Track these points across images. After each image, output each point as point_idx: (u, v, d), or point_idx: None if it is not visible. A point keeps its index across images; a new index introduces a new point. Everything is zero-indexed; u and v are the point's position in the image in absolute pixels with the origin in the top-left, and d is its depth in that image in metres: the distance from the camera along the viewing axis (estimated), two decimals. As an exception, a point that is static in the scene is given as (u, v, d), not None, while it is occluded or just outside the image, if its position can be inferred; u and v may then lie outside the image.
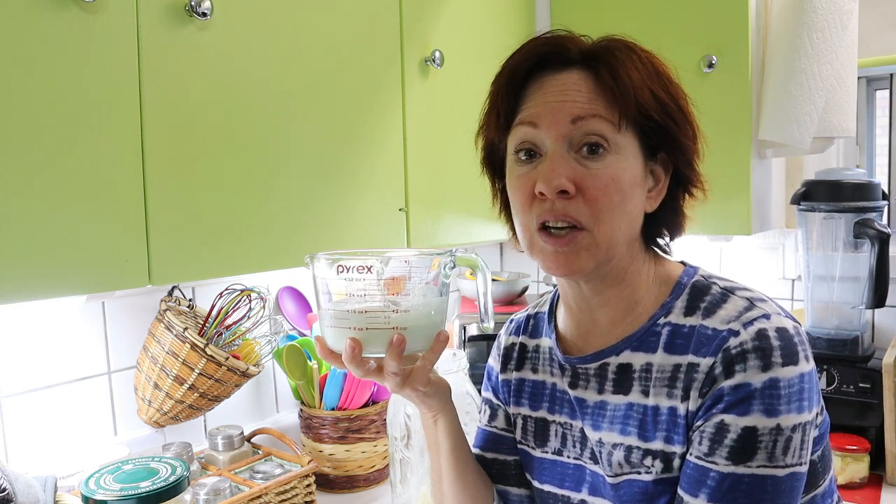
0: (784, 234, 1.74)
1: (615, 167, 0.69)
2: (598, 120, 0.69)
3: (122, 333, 1.25)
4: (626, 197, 0.70)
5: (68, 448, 1.17)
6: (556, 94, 0.71)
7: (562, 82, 0.71)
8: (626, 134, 0.70)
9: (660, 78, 0.72)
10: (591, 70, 0.71)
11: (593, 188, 0.69)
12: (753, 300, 0.71)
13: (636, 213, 0.73)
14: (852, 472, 1.37)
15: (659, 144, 0.73)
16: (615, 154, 0.69)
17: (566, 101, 0.70)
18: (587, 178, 0.69)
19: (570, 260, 0.70)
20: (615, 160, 0.69)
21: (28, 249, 0.76)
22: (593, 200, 0.69)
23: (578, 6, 1.60)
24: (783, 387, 0.65)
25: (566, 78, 0.71)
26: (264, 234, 1.01)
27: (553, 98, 0.71)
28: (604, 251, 0.70)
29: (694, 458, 0.68)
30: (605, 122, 0.69)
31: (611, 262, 0.73)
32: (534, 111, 0.72)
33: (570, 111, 0.70)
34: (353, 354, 0.69)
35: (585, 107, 0.69)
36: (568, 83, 0.71)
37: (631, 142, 0.71)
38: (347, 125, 1.14)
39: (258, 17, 0.99)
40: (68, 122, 0.79)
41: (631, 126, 0.70)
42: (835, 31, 1.40)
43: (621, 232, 0.71)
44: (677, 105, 0.72)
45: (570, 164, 0.69)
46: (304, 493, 1.23)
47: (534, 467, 0.85)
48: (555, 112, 0.70)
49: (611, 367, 0.76)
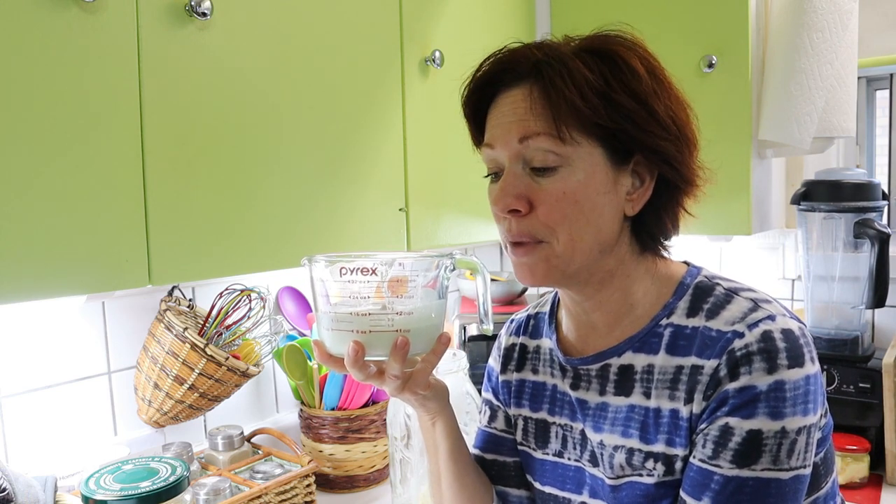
0: (784, 234, 1.74)
1: (567, 180, 0.69)
2: (543, 137, 0.69)
3: (122, 333, 1.24)
4: (585, 207, 0.70)
5: (68, 448, 1.17)
6: (506, 114, 0.72)
7: (511, 100, 0.72)
8: (580, 143, 0.69)
9: (620, 78, 0.68)
10: (537, 82, 0.70)
11: (545, 203, 0.70)
12: (758, 301, 0.70)
13: (604, 220, 0.71)
14: (852, 472, 1.37)
15: (628, 148, 0.71)
16: (567, 167, 0.69)
17: (514, 121, 0.71)
18: (539, 193, 0.70)
19: (533, 271, 0.72)
20: (567, 173, 0.69)
21: (28, 249, 0.76)
22: (546, 216, 0.70)
23: (578, 6, 1.60)
24: (788, 389, 0.65)
25: (516, 95, 0.72)
26: (264, 234, 1.01)
27: (504, 118, 0.72)
28: (566, 261, 0.71)
29: (697, 460, 0.68)
30: (549, 138, 0.69)
31: (584, 269, 0.72)
32: (490, 133, 0.74)
33: (517, 131, 0.70)
34: (356, 358, 0.69)
35: (529, 125, 0.70)
36: (517, 100, 0.71)
37: (588, 151, 0.69)
38: (347, 125, 1.14)
39: (258, 17, 0.99)
40: (68, 122, 0.79)
41: (582, 135, 0.69)
42: (835, 31, 1.40)
43: (584, 242, 0.70)
44: (644, 105, 0.69)
45: (523, 182, 0.71)
46: (304, 493, 1.23)
47: (535, 469, 0.85)
48: (505, 132, 0.72)
49: (612, 369, 0.76)
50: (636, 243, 0.76)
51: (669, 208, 0.75)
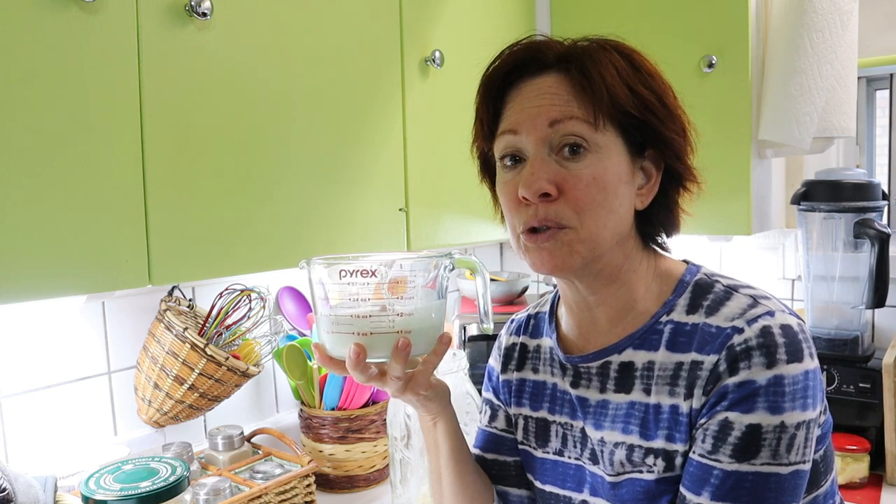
0: (784, 234, 1.74)
1: (596, 166, 0.70)
2: (575, 121, 0.69)
3: (122, 333, 1.25)
4: (610, 195, 0.70)
5: (68, 448, 1.17)
6: (532, 100, 0.72)
7: (538, 87, 0.72)
8: (607, 132, 0.70)
9: (639, 73, 0.71)
10: (566, 72, 0.71)
11: (575, 188, 0.69)
12: (757, 297, 0.71)
13: (623, 210, 0.72)
14: (852, 472, 1.37)
15: (644, 141, 0.73)
16: (595, 153, 0.70)
17: (542, 106, 0.71)
18: (568, 178, 0.70)
19: (554, 255, 0.71)
20: (596, 159, 0.70)
21: (28, 249, 0.76)
22: (575, 200, 0.69)
23: (578, 7, 1.60)
24: (788, 384, 0.65)
25: (542, 82, 0.72)
26: (264, 234, 1.01)
27: (530, 104, 0.72)
28: (589, 248, 0.71)
29: (697, 455, 0.68)
30: (582, 123, 0.69)
31: (600, 259, 0.72)
32: (513, 118, 0.73)
33: (547, 115, 0.70)
34: (358, 360, 0.68)
35: (562, 109, 0.70)
36: (544, 87, 0.72)
37: (613, 140, 0.71)
38: (347, 125, 1.14)
39: (258, 17, 0.99)
40: (68, 122, 0.79)
41: (610, 124, 0.70)
42: (835, 31, 1.40)
43: (607, 230, 0.71)
44: (660, 100, 0.72)
45: (552, 167, 0.70)
46: (304, 493, 1.23)
47: (535, 468, 0.85)
48: (533, 117, 0.71)
49: (613, 366, 0.76)
50: (640, 239, 0.77)
51: (674, 205, 0.77)
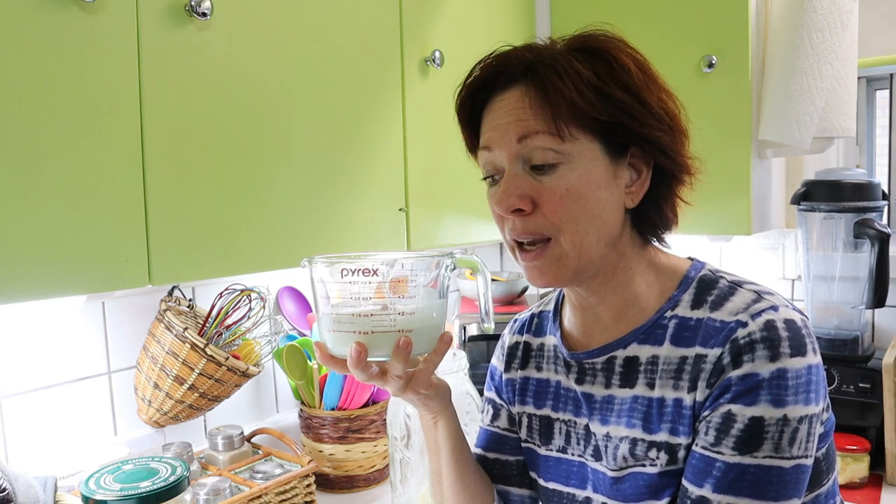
0: (784, 234, 1.74)
1: (569, 176, 0.70)
2: (542, 135, 0.70)
3: (122, 333, 1.24)
4: (589, 202, 0.70)
5: (68, 448, 1.17)
6: (502, 116, 0.72)
7: (506, 102, 0.72)
8: (577, 140, 0.70)
9: (613, 74, 0.70)
10: (532, 84, 0.71)
11: (549, 201, 0.70)
12: (761, 293, 0.71)
13: (607, 213, 0.72)
14: (852, 472, 1.37)
15: (624, 141, 0.72)
16: (567, 164, 0.70)
17: (510, 122, 0.71)
18: (542, 192, 0.70)
19: (544, 273, 0.72)
20: (568, 169, 0.70)
21: (28, 249, 0.76)
22: (552, 213, 0.70)
23: (578, 6, 1.60)
24: (791, 377, 0.65)
25: (510, 97, 0.72)
26: (264, 234, 1.01)
27: (500, 120, 0.73)
28: (577, 258, 0.71)
29: (700, 448, 0.69)
30: (549, 136, 0.69)
31: (592, 265, 0.73)
32: (487, 135, 0.74)
33: (514, 131, 0.71)
34: (359, 359, 0.69)
35: (526, 124, 0.70)
36: (511, 102, 0.72)
37: (586, 146, 0.70)
38: (347, 125, 1.14)
39: (258, 17, 0.99)
40: (68, 122, 0.79)
41: (580, 131, 0.70)
42: (835, 31, 1.40)
43: (591, 237, 0.71)
44: (637, 98, 0.70)
45: (525, 182, 0.71)
46: (304, 493, 1.23)
47: (539, 465, 0.85)
48: (502, 134, 0.72)
49: (618, 361, 0.77)
50: (637, 236, 0.77)
51: (668, 198, 0.77)
